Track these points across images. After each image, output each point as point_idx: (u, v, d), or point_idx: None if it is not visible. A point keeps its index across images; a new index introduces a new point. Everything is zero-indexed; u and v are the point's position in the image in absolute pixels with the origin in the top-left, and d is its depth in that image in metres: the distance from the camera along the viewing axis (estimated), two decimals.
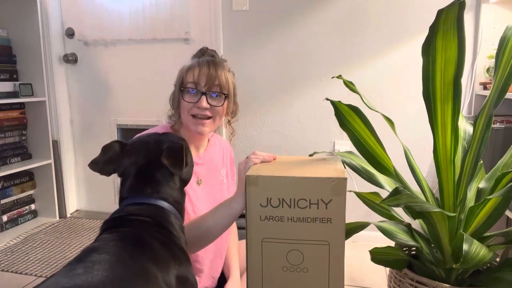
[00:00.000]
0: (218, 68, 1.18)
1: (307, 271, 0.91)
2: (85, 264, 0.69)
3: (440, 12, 0.90)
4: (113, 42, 2.57)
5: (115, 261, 0.71)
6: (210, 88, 1.16)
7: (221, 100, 1.18)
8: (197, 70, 1.16)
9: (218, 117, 1.20)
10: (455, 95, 0.97)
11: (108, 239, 0.77)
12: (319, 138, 2.26)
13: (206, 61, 1.18)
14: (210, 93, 1.16)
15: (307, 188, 0.87)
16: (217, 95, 1.17)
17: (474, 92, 2.01)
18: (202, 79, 1.15)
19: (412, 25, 2.05)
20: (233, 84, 1.23)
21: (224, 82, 1.17)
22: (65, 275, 0.66)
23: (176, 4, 2.41)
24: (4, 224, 2.43)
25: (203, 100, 1.15)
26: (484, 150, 1.04)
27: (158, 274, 0.75)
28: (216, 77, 1.16)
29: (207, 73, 1.16)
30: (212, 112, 1.17)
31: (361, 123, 1.19)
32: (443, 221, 1.04)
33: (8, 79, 2.41)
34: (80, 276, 0.66)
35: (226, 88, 1.18)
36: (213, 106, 1.17)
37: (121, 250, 0.74)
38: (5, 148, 2.45)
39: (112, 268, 0.69)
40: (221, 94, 1.17)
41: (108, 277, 0.67)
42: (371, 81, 2.13)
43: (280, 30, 2.23)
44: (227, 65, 1.24)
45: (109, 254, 0.72)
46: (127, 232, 0.81)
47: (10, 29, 2.49)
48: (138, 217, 0.84)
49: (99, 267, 0.68)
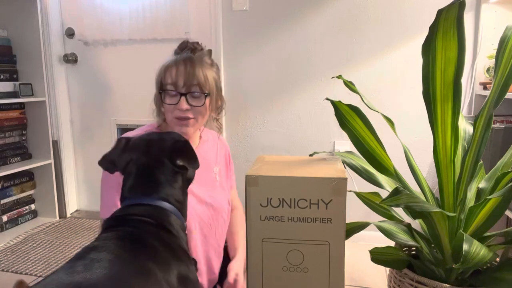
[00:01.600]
0: (196, 66, 1.12)
1: (307, 271, 0.91)
2: (84, 262, 0.69)
3: (440, 12, 0.90)
4: (113, 42, 2.57)
5: (114, 259, 0.71)
6: (189, 88, 1.12)
7: (201, 99, 1.14)
8: (174, 70, 1.13)
9: (200, 116, 1.17)
10: (455, 95, 0.97)
11: (108, 238, 0.78)
12: (319, 138, 2.26)
13: (183, 59, 1.13)
14: (190, 94, 1.12)
15: (307, 188, 0.87)
16: (197, 95, 1.13)
17: (474, 92, 2.01)
18: (179, 79, 1.12)
19: (412, 25, 2.05)
20: (215, 80, 1.18)
21: (203, 80, 1.12)
22: (64, 272, 0.67)
23: (176, 4, 2.41)
24: (4, 224, 2.43)
25: (183, 102, 1.12)
26: (484, 150, 1.04)
27: (158, 272, 0.75)
28: (194, 77, 1.11)
29: (184, 72, 1.11)
30: (194, 112, 1.14)
31: (361, 123, 1.19)
32: (443, 221, 1.05)
33: (8, 79, 2.40)
34: (80, 274, 0.66)
35: (206, 87, 1.14)
36: (194, 107, 1.13)
37: (120, 249, 0.75)
38: (5, 148, 2.45)
39: (111, 266, 0.69)
40: (201, 93, 1.13)
41: (107, 275, 0.67)
42: (371, 81, 2.13)
43: (280, 30, 2.23)
44: (208, 59, 1.19)
45: (109, 252, 0.72)
46: (127, 231, 0.81)
47: (10, 29, 2.49)
48: (138, 217, 0.84)
49: (99, 265, 0.68)
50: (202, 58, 1.17)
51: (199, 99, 1.14)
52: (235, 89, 2.35)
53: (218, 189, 1.29)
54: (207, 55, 1.20)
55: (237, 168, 2.44)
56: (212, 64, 1.20)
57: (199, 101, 1.14)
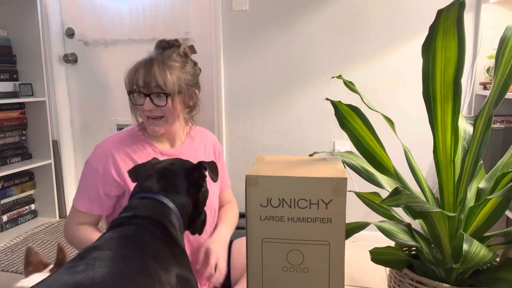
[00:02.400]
0: (154, 68, 1.14)
1: (307, 271, 0.91)
2: (86, 261, 0.69)
3: (440, 12, 0.90)
4: (113, 42, 2.57)
5: (116, 258, 0.71)
6: (150, 90, 1.15)
7: (163, 100, 1.15)
8: (135, 72, 1.16)
9: (170, 115, 1.18)
10: (455, 95, 0.97)
11: (110, 237, 0.78)
12: (319, 138, 2.26)
13: (144, 61, 1.17)
14: (153, 94, 1.15)
15: (307, 188, 0.87)
16: (159, 95, 1.15)
17: (474, 92, 2.01)
18: (140, 81, 1.15)
19: (412, 25, 2.05)
20: (180, 79, 1.18)
21: (161, 81, 1.13)
22: (66, 272, 0.67)
23: (176, 4, 2.41)
24: (4, 224, 2.43)
25: (147, 102, 1.15)
26: (484, 150, 1.04)
27: (159, 271, 0.75)
28: (152, 78, 1.13)
29: (143, 75, 1.14)
30: (162, 111, 1.17)
31: (361, 123, 1.19)
32: (443, 221, 1.05)
33: (8, 79, 2.41)
34: (81, 273, 0.66)
35: (167, 87, 1.14)
36: (159, 106, 1.16)
37: (122, 247, 0.75)
38: (5, 148, 2.45)
39: (113, 265, 0.69)
40: (161, 94, 1.15)
41: (109, 273, 0.67)
42: (371, 81, 2.13)
43: (280, 30, 2.23)
44: (177, 57, 1.20)
45: (111, 251, 0.73)
46: (129, 230, 0.81)
47: (10, 29, 2.49)
48: (141, 214, 0.86)
49: (100, 264, 0.69)
50: (168, 57, 1.18)
51: (161, 99, 1.16)
52: (235, 89, 2.35)
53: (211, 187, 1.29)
54: (178, 53, 1.21)
55: (237, 168, 2.46)
56: (183, 62, 1.21)
57: (161, 101, 1.16)
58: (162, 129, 1.21)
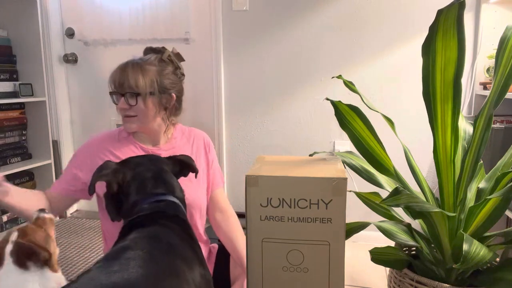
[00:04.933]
0: (128, 69, 1.25)
1: (307, 271, 0.91)
2: (120, 261, 0.70)
3: (440, 12, 0.90)
4: (113, 42, 2.57)
5: (148, 258, 0.73)
6: (124, 89, 1.25)
7: (133, 99, 1.25)
8: (113, 74, 1.28)
9: (142, 114, 1.27)
10: (455, 95, 0.97)
11: (139, 237, 0.79)
12: (319, 138, 2.26)
13: (121, 64, 1.28)
14: (127, 94, 1.25)
15: (308, 188, 0.87)
16: (130, 95, 1.25)
17: (474, 92, 2.01)
18: (116, 82, 1.26)
19: (412, 25, 2.05)
20: (153, 81, 1.27)
21: (133, 82, 1.24)
22: (101, 271, 0.67)
23: (176, 4, 2.41)
24: (4, 224, 2.43)
25: (121, 101, 1.26)
26: (484, 150, 1.04)
27: (186, 271, 0.77)
28: (125, 79, 1.24)
29: (118, 76, 1.26)
30: (134, 110, 1.27)
31: (361, 123, 1.19)
32: (443, 221, 1.05)
33: (8, 79, 2.40)
34: (116, 273, 0.67)
35: (138, 87, 1.24)
36: (132, 106, 1.26)
37: (152, 248, 0.76)
38: (5, 148, 2.45)
39: (146, 265, 0.70)
40: (131, 94, 1.25)
41: (143, 274, 0.68)
42: (371, 81, 2.13)
43: (280, 30, 2.23)
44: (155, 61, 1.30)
45: (142, 251, 0.74)
46: (155, 230, 0.83)
47: (10, 29, 2.49)
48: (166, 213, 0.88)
49: (134, 264, 0.69)
50: (146, 61, 1.29)
51: (132, 99, 1.25)
52: (235, 89, 2.35)
53: (194, 184, 1.29)
54: (160, 59, 1.31)
55: (237, 168, 2.46)
56: (162, 67, 1.30)
57: (132, 100, 1.26)
58: (135, 126, 1.30)
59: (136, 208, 0.91)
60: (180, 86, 1.37)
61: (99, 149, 1.32)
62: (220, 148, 2.39)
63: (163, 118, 1.33)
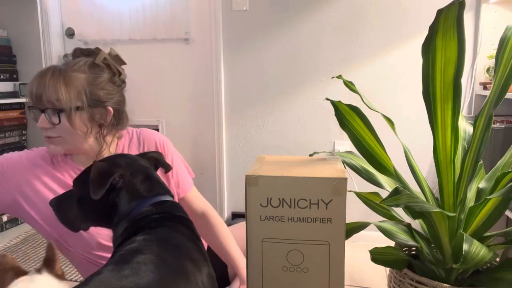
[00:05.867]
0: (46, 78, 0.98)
1: (307, 271, 0.91)
2: (131, 265, 0.69)
3: (439, 12, 0.90)
4: (113, 42, 2.57)
5: (159, 262, 0.72)
6: (43, 104, 0.99)
7: (55, 117, 0.99)
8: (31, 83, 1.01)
9: (67, 135, 1.02)
10: (455, 95, 0.97)
11: (148, 240, 0.78)
12: (319, 138, 2.26)
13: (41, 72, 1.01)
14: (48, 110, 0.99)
15: (308, 188, 0.87)
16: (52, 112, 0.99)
17: (474, 92, 2.01)
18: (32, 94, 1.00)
19: (412, 25, 2.06)
20: (85, 93, 1.01)
21: (53, 95, 0.97)
22: (112, 275, 0.67)
23: (176, 4, 2.41)
24: (4, 224, 2.43)
25: (40, 119, 1.00)
26: (484, 150, 1.04)
27: (195, 272, 0.77)
28: (42, 91, 0.98)
29: (35, 87, 0.99)
30: (57, 131, 1.01)
31: (361, 123, 1.19)
32: (443, 221, 1.05)
33: (8, 79, 2.41)
34: (128, 278, 0.66)
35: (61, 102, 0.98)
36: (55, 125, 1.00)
37: (163, 251, 0.76)
38: (5, 148, 2.45)
39: (157, 269, 0.70)
40: (53, 110, 0.99)
41: (155, 279, 0.68)
42: (371, 81, 2.13)
43: (280, 30, 2.23)
44: (84, 67, 1.03)
45: (153, 255, 0.73)
46: (163, 232, 0.82)
47: (10, 29, 2.49)
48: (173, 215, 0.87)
49: (146, 268, 0.69)
50: (72, 67, 1.03)
51: (54, 116, 1.00)
52: (235, 89, 2.35)
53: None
54: (91, 63, 1.05)
55: (237, 168, 2.46)
56: (94, 74, 1.04)
57: (55, 118, 1.00)
58: (61, 148, 1.05)
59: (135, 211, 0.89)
60: (119, 96, 1.12)
61: (28, 174, 1.07)
62: (220, 148, 2.39)
63: (97, 138, 1.07)
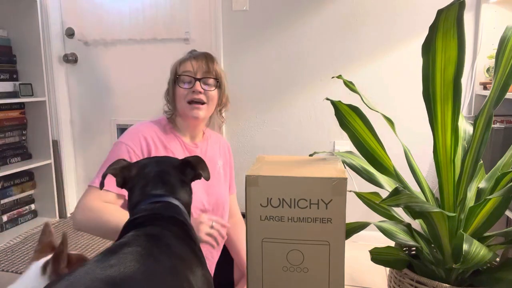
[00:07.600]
0: (210, 60, 1.30)
1: (307, 271, 0.91)
2: (117, 256, 0.69)
3: (440, 12, 0.90)
4: (113, 42, 2.57)
5: (146, 255, 0.72)
6: (205, 75, 1.27)
7: (213, 86, 1.29)
8: (191, 61, 1.28)
9: (211, 103, 1.30)
10: (455, 95, 0.97)
11: (137, 235, 0.78)
12: (319, 138, 2.26)
13: (200, 53, 1.31)
14: (204, 79, 1.27)
15: (308, 188, 0.87)
16: (210, 82, 1.28)
17: (474, 92, 2.01)
18: (196, 67, 1.27)
19: (412, 25, 2.06)
20: (224, 77, 1.35)
21: (218, 70, 1.30)
22: (97, 265, 0.67)
23: (176, 4, 2.41)
24: (4, 224, 2.43)
25: (198, 85, 1.26)
26: (484, 150, 1.04)
27: (186, 271, 0.76)
28: (209, 66, 1.28)
29: (201, 62, 1.28)
30: (206, 97, 1.28)
31: (361, 123, 1.19)
32: (443, 221, 1.04)
33: (8, 79, 2.41)
34: (113, 267, 0.66)
35: (219, 76, 1.30)
36: (207, 91, 1.27)
37: (151, 245, 0.76)
38: (5, 148, 2.45)
39: (143, 261, 0.70)
40: (214, 80, 1.29)
41: (140, 270, 0.67)
42: (371, 81, 2.13)
43: (280, 30, 2.23)
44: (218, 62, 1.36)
45: (140, 247, 0.73)
46: (153, 230, 0.82)
47: (10, 29, 2.49)
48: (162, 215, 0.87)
49: (132, 258, 0.69)
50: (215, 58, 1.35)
51: (211, 85, 1.29)
52: (235, 89, 2.34)
53: (222, 184, 1.34)
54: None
55: (237, 168, 2.45)
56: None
57: (211, 86, 1.29)
58: (204, 113, 1.29)
59: (136, 209, 0.91)
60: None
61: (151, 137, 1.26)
62: None
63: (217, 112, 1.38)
